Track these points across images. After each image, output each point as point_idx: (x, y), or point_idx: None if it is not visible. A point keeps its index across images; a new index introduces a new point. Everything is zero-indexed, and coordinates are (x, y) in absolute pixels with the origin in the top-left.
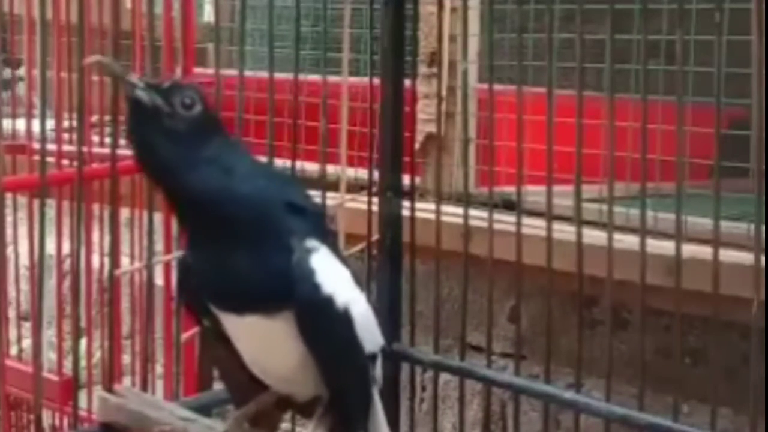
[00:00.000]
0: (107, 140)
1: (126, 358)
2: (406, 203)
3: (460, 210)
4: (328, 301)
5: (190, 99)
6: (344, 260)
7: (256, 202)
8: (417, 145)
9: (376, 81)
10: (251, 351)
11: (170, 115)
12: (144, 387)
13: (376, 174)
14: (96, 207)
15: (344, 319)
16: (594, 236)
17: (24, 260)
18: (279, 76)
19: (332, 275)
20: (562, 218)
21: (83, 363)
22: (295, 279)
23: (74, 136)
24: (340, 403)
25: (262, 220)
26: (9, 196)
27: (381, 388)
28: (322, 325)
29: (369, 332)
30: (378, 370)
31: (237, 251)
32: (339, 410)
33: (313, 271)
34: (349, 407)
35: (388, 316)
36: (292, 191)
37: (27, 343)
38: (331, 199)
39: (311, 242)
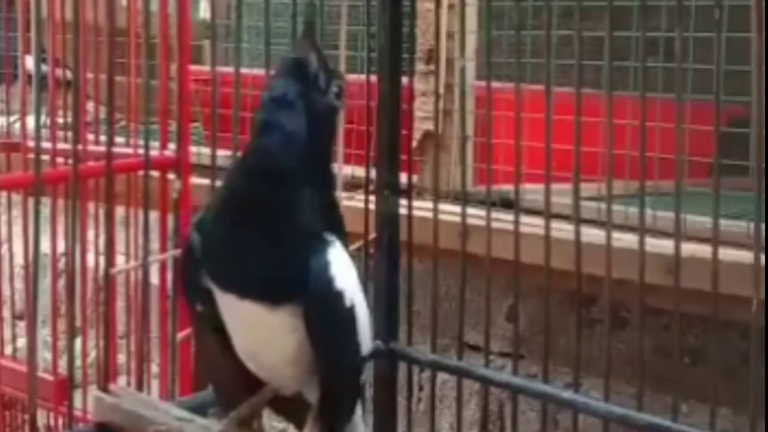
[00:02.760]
0: (102, 138)
1: (121, 358)
2: (403, 201)
3: (457, 208)
4: (338, 296)
5: (341, 90)
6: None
7: (292, 186)
8: (414, 143)
9: (373, 78)
10: (245, 338)
11: (321, 91)
12: (139, 387)
13: (373, 172)
14: (91, 205)
15: (350, 316)
16: (592, 235)
17: (19, 259)
18: None
19: (345, 272)
20: (560, 217)
21: (78, 362)
22: (312, 270)
23: (69, 134)
24: (331, 400)
25: (289, 209)
26: (3, 194)
27: (364, 393)
28: (330, 319)
29: (367, 333)
30: (365, 375)
31: (257, 234)
32: (328, 409)
33: (329, 264)
34: (339, 406)
35: (385, 314)
36: (323, 191)
37: (22, 342)
38: None
39: (330, 236)
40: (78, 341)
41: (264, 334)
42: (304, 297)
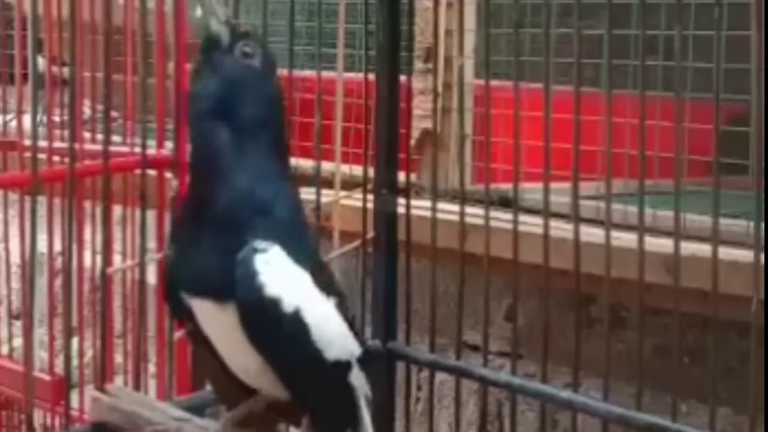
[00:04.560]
0: (99, 137)
1: (118, 357)
2: (401, 200)
3: (456, 207)
4: (272, 302)
5: (252, 49)
6: (318, 266)
7: (235, 190)
8: (413, 142)
9: (371, 77)
10: (216, 342)
11: (225, 54)
12: (136, 386)
13: (371, 171)
14: (88, 204)
15: (293, 321)
16: (592, 234)
17: (15, 258)
18: None
19: (281, 277)
20: (559, 215)
21: (75, 362)
22: (237, 277)
23: (66, 133)
24: (306, 408)
25: (229, 211)
26: (0, 193)
27: (369, 396)
28: (265, 326)
29: (332, 339)
30: (357, 379)
31: (204, 232)
32: (312, 413)
33: (257, 272)
34: (319, 414)
35: (384, 314)
36: (275, 191)
37: (18, 342)
38: (326, 196)
39: (265, 243)
40: (75, 341)
41: (224, 334)
42: (236, 303)
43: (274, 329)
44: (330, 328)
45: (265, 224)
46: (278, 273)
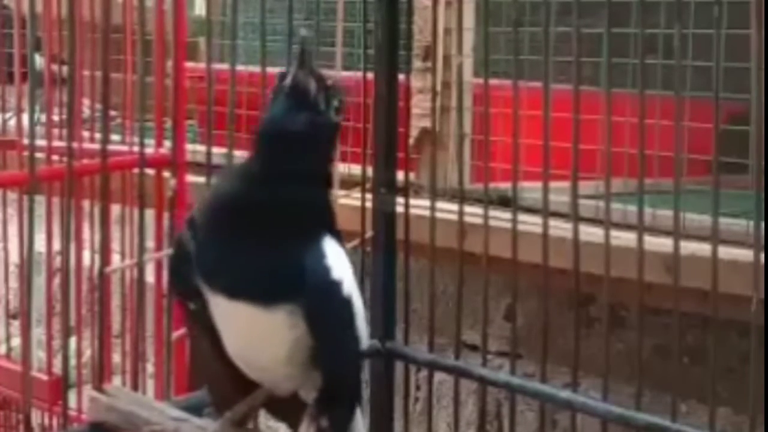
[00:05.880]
0: (98, 135)
1: (116, 357)
2: (400, 199)
3: (455, 206)
4: (337, 288)
5: (341, 104)
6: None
7: (289, 194)
8: (411, 141)
9: (370, 75)
10: (236, 339)
11: (320, 112)
12: (134, 386)
13: (370, 170)
14: (86, 203)
15: (348, 308)
16: (591, 233)
17: (13, 257)
18: (271, 70)
19: (340, 264)
20: (558, 215)
21: (73, 362)
22: (308, 264)
23: (64, 132)
24: (332, 397)
25: (283, 209)
26: None
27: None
28: (331, 311)
29: (363, 330)
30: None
31: (252, 235)
32: (328, 407)
33: (324, 257)
34: (340, 404)
35: (382, 314)
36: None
37: (16, 341)
38: None
39: (322, 231)
40: (73, 340)
41: (256, 335)
42: (303, 293)
43: (336, 312)
44: (363, 317)
45: (314, 219)
46: (337, 259)
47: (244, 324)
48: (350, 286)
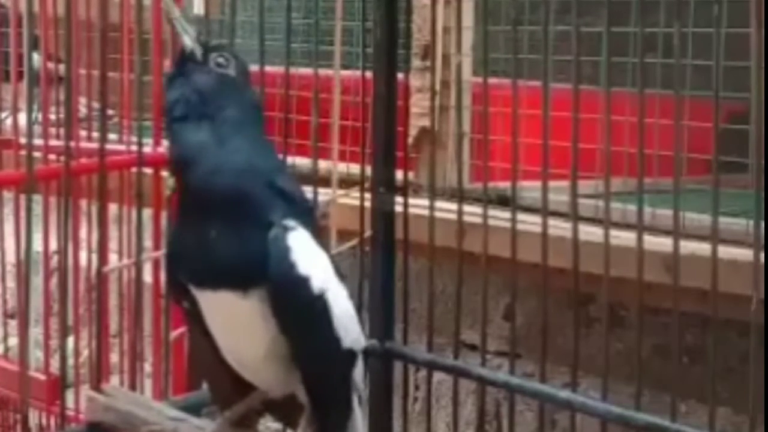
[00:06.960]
0: (95, 134)
1: (114, 357)
2: (399, 199)
3: (454, 206)
4: (303, 281)
5: (225, 60)
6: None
7: (239, 175)
8: (410, 140)
9: (369, 74)
10: (223, 334)
11: (201, 66)
12: (132, 386)
13: (368, 169)
14: (84, 203)
15: (319, 302)
16: (590, 233)
17: (10, 257)
18: (270, 69)
19: (309, 257)
20: (558, 214)
21: (70, 362)
22: (271, 254)
23: (61, 131)
24: (316, 395)
25: (242, 194)
26: None
27: (363, 396)
28: (296, 304)
29: (347, 326)
30: (359, 375)
31: (215, 224)
32: (318, 406)
33: (290, 249)
34: (326, 401)
35: (381, 313)
36: (282, 176)
37: (13, 341)
38: (323, 194)
39: (291, 222)
40: (70, 340)
41: (237, 325)
42: (268, 283)
43: (303, 307)
44: (347, 315)
45: (284, 206)
46: (307, 253)
47: (225, 314)
48: (323, 282)
